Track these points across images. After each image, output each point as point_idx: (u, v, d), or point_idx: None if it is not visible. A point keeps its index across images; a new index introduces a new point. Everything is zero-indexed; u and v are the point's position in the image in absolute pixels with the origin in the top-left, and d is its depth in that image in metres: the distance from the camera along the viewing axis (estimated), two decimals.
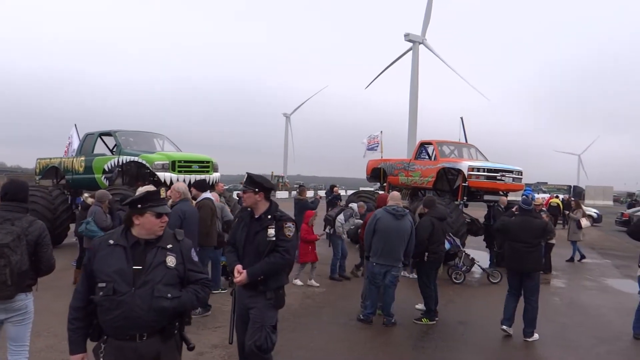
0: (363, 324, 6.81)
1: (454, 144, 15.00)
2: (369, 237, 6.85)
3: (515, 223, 6.79)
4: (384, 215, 6.77)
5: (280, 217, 4.01)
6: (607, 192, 62.65)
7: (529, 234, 6.55)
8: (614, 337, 6.87)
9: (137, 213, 2.87)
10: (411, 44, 50.80)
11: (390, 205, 6.91)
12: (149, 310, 2.73)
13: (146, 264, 2.80)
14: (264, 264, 3.87)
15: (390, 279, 6.79)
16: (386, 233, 6.67)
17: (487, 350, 6.05)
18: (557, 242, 12.56)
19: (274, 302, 3.96)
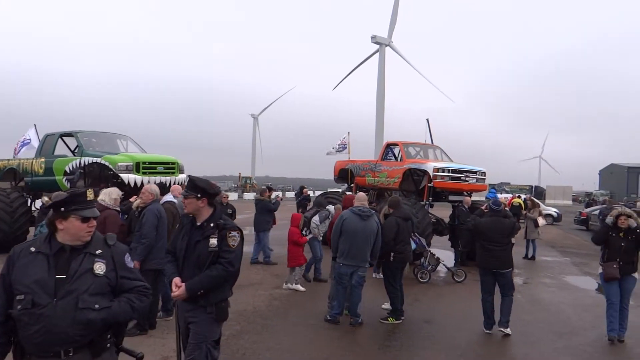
0: (330, 324, 6.85)
1: (420, 145, 15.22)
2: (335, 238, 6.90)
3: (486, 223, 6.99)
4: (351, 216, 6.83)
5: (224, 225, 3.68)
6: (566, 192, 64.71)
7: (500, 233, 6.80)
8: (572, 333, 7.09)
9: (61, 217, 2.62)
10: (378, 46, 51.32)
11: (356, 206, 6.97)
12: (73, 323, 2.48)
13: (70, 273, 2.55)
14: (204, 277, 3.57)
15: (357, 279, 6.85)
16: (353, 234, 6.72)
17: (452, 348, 6.15)
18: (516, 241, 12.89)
19: (215, 316, 3.68)
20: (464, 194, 13.56)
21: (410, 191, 14.06)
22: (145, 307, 2.87)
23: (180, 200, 8.54)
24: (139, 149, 12.43)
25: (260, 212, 11.99)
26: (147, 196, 6.28)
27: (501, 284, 6.86)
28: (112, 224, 6.25)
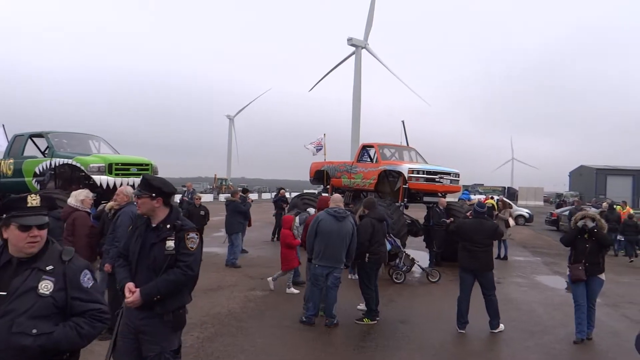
0: (305, 325, 6.85)
1: (395, 147, 15.35)
2: (311, 239, 6.91)
3: (469, 224, 7.20)
4: (326, 217, 6.85)
5: (181, 226, 3.44)
6: (538, 193, 66.19)
7: (482, 235, 6.98)
8: (543, 331, 7.24)
9: (4, 224, 2.36)
10: (354, 48, 51.58)
11: (332, 208, 7.01)
12: (6, 348, 2.21)
13: (11, 290, 2.27)
14: (161, 282, 3.31)
15: (333, 280, 6.88)
16: (328, 235, 6.75)
17: (426, 347, 6.22)
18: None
19: (172, 324, 3.42)
20: (438, 195, 13.74)
21: (386, 192, 14.17)
22: (97, 334, 2.51)
23: None
24: (111, 150, 12.24)
25: (231, 214, 11.92)
26: (121, 198, 6.17)
27: (482, 283, 7.08)
28: (81, 225, 6.15)
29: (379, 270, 7.90)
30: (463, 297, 7.08)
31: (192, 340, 6.04)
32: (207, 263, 11.68)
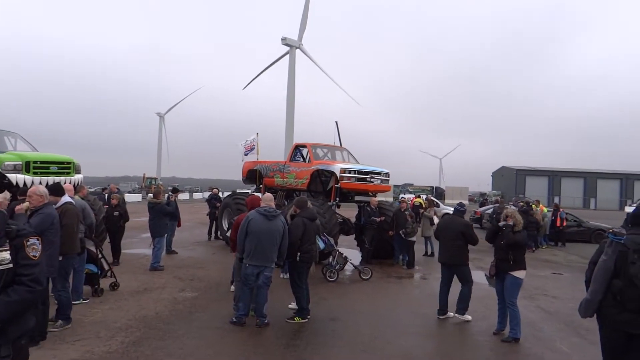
0: (236, 326, 6.77)
1: (327, 147, 15.50)
2: (241, 238, 6.85)
3: (443, 222, 8.04)
4: (256, 217, 6.82)
5: (17, 232, 2.83)
6: (463, 192, 69.19)
7: (453, 232, 7.82)
8: (466, 324, 7.57)
9: None
10: (288, 47, 51.60)
11: (262, 207, 6.98)
12: None
13: None
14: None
15: (264, 280, 6.85)
16: (258, 234, 6.72)
17: (356, 344, 6.33)
18: (419, 239, 13.59)
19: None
20: (369, 195, 14.03)
21: (318, 192, 14.28)
22: None
23: (80, 200, 8.04)
24: (29, 147, 11.53)
25: (155, 216, 11.22)
26: (35, 199, 5.75)
27: (459, 277, 7.91)
28: None
29: (309, 269, 7.97)
30: (441, 288, 8.02)
31: (116, 346, 5.81)
32: (134, 265, 11.32)
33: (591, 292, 4.15)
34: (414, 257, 13.01)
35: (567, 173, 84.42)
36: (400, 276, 11.66)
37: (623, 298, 3.91)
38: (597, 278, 4.10)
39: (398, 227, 12.89)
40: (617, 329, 3.98)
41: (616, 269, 3.96)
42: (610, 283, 3.99)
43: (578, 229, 21.61)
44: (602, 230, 21.65)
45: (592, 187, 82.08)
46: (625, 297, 3.89)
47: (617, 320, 3.96)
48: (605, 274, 4.02)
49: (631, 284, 3.84)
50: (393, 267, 12.85)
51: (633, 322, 3.87)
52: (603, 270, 4.06)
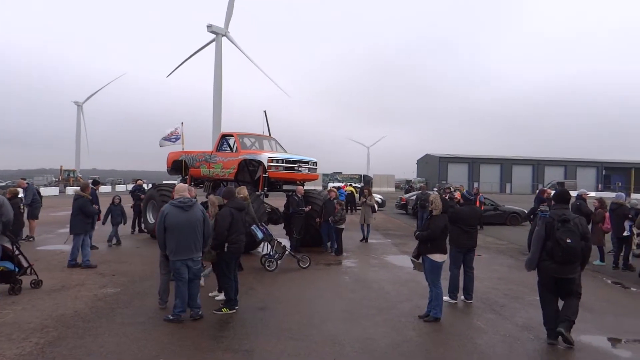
0: (165, 322, 6.57)
1: (255, 136, 15.38)
2: (161, 234, 6.63)
3: (465, 211, 8.22)
4: (172, 210, 6.63)
5: None
6: (390, 180, 71.20)
7: (475, 219, 8.31)
8: (390, 307, 7.84)
9: None
10: (214, 35, 50.46)
11: (176, 199, 6.79)
12: None
13: None
14: None
15: (194, 271, 6.72)
16: (178, 228, 6.56)
17: (283, 331, 6.37)
18: (345, 226, 13.86)
19: None
20: (297, 184, 14.10)
21: (246, 182, 14.16)
22: None
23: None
24: None
25: (78, 212, 10.32)
26: None
27: (467, 260, 8.29)
28: None
29: (238, 259, 7.91)
30: (455, 272, 8.21)
31: (30, 347, 5.49)
32: (50, 262, 10.72)
33: (532, 253, 6.19)
34: (341, 245, 13.25)
35: (485, 160, 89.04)
36: (328, 263, 11.85)
37: (552, 254, 5.89)
38: (535, 242, 6.14)
39: (326, 215, 13.07)
40: (548, 275, 6.05)
41: (546, 234, 5.98)
42: (543, 245, 5.98)
43: (495, 213, 22.90)
44: (517, 213, 23.11)
45: (508, 172, 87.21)
46: (553, 253, 5.88)
47: (548, 268, 6.01)
48: (540, 239, 6.05)
49: (557, 244, 5.83)
50: (322, 254, 13.03)
51: (558, 269, 5.93)
52: (538, 236, 6.09)
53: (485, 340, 6.31)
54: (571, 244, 5.78)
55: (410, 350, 5.85)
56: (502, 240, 17.05)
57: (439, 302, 7.14)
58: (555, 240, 5.82)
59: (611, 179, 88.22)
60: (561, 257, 5.81)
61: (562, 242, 5.77)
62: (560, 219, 5.91)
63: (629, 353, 6.09)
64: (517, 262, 12.51)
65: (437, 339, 6.35)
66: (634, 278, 10.72)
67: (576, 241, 5.82)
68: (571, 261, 5.88)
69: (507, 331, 6.72)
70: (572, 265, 5.91)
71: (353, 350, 5.75)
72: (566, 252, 5.78)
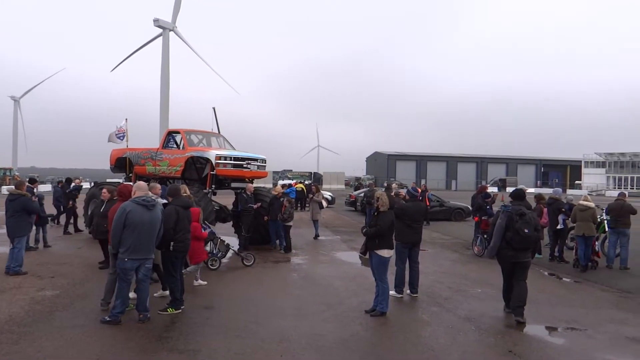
0: (108, 324, 6.34)
1: (203, 133, 15.12)
2: (118, 231, 6.39)
3: (411, 207, 8.42)
4: (135, 208, 6.43)
5: None
6: (340, 177, 71.75)
7: (420, 214, 8.54)
8: (338, 302, 7.91)
9: None
10: (161, 30, 49.22)
11: (139, 197, 6.59)
12: None
13: None
14: None
15: (145, 272, 6.54)
16: (139, 226, 6.37)
17: (230, 330, 6.30)
18: (298, 224, 13.88)
19: None
20: (246, 181, 13.98)
21: (193, 179, 13.92)
22: None
23: None
24: None
25: (17, 212, 9.38)
26: None
27: (413, 255, 8.47)
28: None
29: (184, 258, 7.76)
30: (401, 266, 8.34)
31: None
32: None
33: (493, 242, 7.27)
34: (290, 242, 13.26)
35: (432, 157, 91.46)
36: (277, 261, 11.83)
37: (512, 242, 7.02)
38: (496, 233, 7.21)
39: (273, 213, 13.02)
40: (507, 261, 7.24)
41: (507, 226, 7.07)
42: (504, 235, 7.08)
43: (441, 209, 23.58)
44: (461, 209, 23.88)
45: (453, 170, 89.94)
46: (513, 242, 7.01)
47: (508, 255, 7.15)
48: (501, 230, 7.14)
49: (517, 233, 6.97)
50: (270, 252, 12.99)
51: (515, 255, 7.12)
52: (499, 227, 7.17)
53: (429, 333, 6.50)
54: (528, 234, 6.98)
55: (356, 345, 5.93)
56: (447, 236, 17.56)
57: (385, 296, 7.27)
58: (515, 230, 6.98)
59: (549, 176, 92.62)
60: (519, 245, 7.02)
61: (521, 232, 6.95)
62: (518, 213, 7.09)
63: (563, 340, 6.43)
64: (461, 257, 12.93)
65: (383, 333, 6.48)
66: (568, 269, 11.30)
67: (531, 231, 7.03)
68: (527, 248, 7.13)
69: (450, 323, 6.94)
70: (527, 251, 7.18)
71: (300, 347, 5.77)
72: (524, 240, 6.99)
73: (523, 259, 7.19)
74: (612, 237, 11.61)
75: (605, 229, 11.84)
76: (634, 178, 76.35)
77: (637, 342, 6.31)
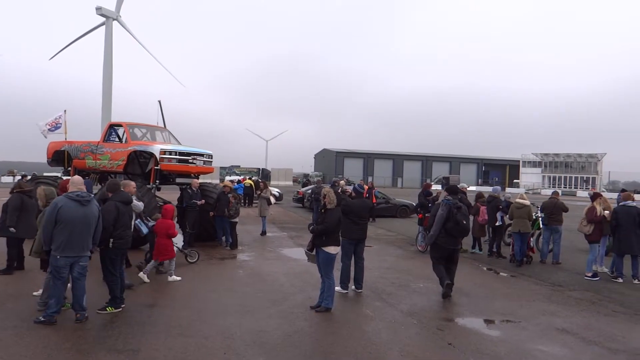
0: (43, 325, 6.07)
1: (147, 127, 14.70)
2: (49, 228, 6.10)
3: (356, 203, 8.46)
4: (67, 203, 6.17)
5: None
6: (288, 173, 71.81)
7: (365, 211, 8.64)
8: (284, 299, 7.92)
9: None
10: (104, 18, 47.44)
11: (73, 192, 6.33)
12: None
13: None
14: None
15: (80, 270, 6.28)
16: (72, 222, 6.11)
17: (172, 328, 6.17)
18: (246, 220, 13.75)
19: None
20: (191, 177, 13.73)
21: (136, 174, 13.53)
22: None
23: None
24: None
25: None
26: None
27: (359, 251, 8.55)
28: None
29: (124, 255, 7.54)
30: (346, 262, 8.47)
31: None
32: None
33: (433, 230, 8.17)
34: (236, 239, 13.15)
35: (379, 155, 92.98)
36: (223, 257, 11.69)
37: (451, 231, 8.03)
38: (437, 222, 8.11)
39: (220, 209, 12.85)
40: (444, 248, 8.18)
41: (447, 217, 8.00)
42: (444, 225, 8.03)
43: (386, 205, 24.01)
44: (406, 206, 24.41)
45: (399, 167, 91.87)
46: (453, 231, 8.03)
47: (445, 242, 8.13)
48: (441, 220, 8.05)
49: (456, 224, 7.97)
50: (216, 249, 12.82)
51: (451, 242, 8.16)
52: (440, 218, 8.07)
53: (372, 327, 6.62)
54: (465, 225, 8.12)
55: (300, 341, 5.96)
56: (392, 232, 17.93)
57: (330, 292, 7.34)
58: (455, 221, 7.98)
59: (490, 175, 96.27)
60: (457, 234, 8.11)
61: (460, 222, 7.99)
62: (456, 206, 8.10)
63: (499, 332, 6.71)
64: (405, 252, 13.24)
65: (328, 328, 6.54)
66: (505, 264, 11.80)
67: (468, 222, 8.26)
68: (462, 236, 8.30)
69: (393, 317, 7.10)
70: (460, 239, 8.35)
71: (244, 344, 5.74)
72: (462, 230, 8.09)
73: (457, 246, 8.32)
74: (546, 234, 12.22)
75: (539, 225, 12.46)
76: (567, 177, 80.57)
77: (566, 332, 6.67)
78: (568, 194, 65.77)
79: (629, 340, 6.45)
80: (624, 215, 9.96)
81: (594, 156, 78.51)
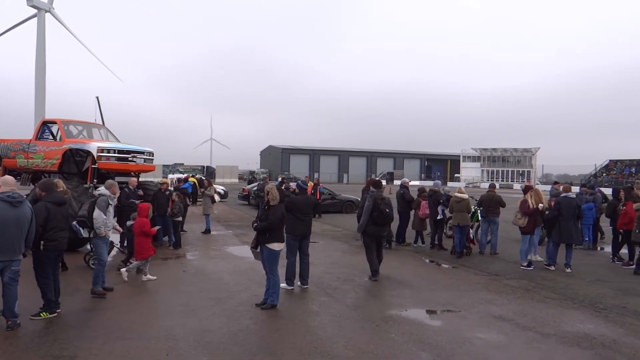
0: None
1: (83, 124, 14.13)
2: None
3: (300, 200, 8.48)
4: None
5: None
6: (233, 170, 71.06)
7: (309, 207, 8.64)
8: (228, 297, 7.84)
9: None
10: (35, 10, 45.16)
11: (4, 192, 5.99)
12: None
13: None
14: None
15: (11, 275, 5.93)
16: (3, 224, 5.78)
17: (111, 331, 5.97)
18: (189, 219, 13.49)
19: None
20: (131, 175, 13.33)
21: (72, 173, 12.99)
22: None
23: None
24: None
25: None
26: None
27: (303, 247, 8.58)
28: None
29: (59, 258, 7.21)
30: (291, 259, 8.43)
31: None
32: None
33: (362, 220, 9.27)
34: (180, 238, 12.88)
35: (325, 151, 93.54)
36: (166, 257, 11.41)
37: (377, 220, 9.07)
38: (365, 213, 9.18)
39: (159, 208, 12.44)
40: (373, 235, 9.27)
41: (373, 207, 9.05)
42: (371, 215, 9.06)
43: (332, 201, 24.23)
44: (352, 201, 24.71)
45: (345, 163, 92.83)
46: (378, 219, 9.08)
47: (374, 231, 9.22)
48: (369, 210, 9.10)
49: (381, 213, 9.02)
50: (158, 249, 12.44)
51: (379, 230, 9.28)
52: (367, 209, 9.13)
53: (318, 322, 6.67)
54: (389, 213, 9.18)
55: (245, 339, 5.92)
56: (338, 227, 18.11)
57: (276, 289, 7.33)
58: (380, 211, 9.02)
59: (432, 169, 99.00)
60: (382, 222, 9.22)
61: (384, 212, 9.05)
62: (380, 197, 9.23)
63: (440, 322, 6.93)
64: (350, 247, 13.41)
65: (273, 325, 6.53)
66: (446, 256, 12.19)
67: (391, 211, 9.26)
68: (387, 224, 9.56)
69: (338, 312, 7.18)
70: (386, 226, 9.65)
71: (188, 344, 5.64)
72: (386, 218, 9.18)
73: (383, 232, 9.59)
74: (484, 225, 12.72)
75: (478, 218, 12.95)
76: (504, 171, 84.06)
77: (502, 319, 6.98)
78: (505, 187, 68.68)
79: (559, 324, 6.83)
80: (565, 206, 10.40)
81: (528, 150, 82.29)
